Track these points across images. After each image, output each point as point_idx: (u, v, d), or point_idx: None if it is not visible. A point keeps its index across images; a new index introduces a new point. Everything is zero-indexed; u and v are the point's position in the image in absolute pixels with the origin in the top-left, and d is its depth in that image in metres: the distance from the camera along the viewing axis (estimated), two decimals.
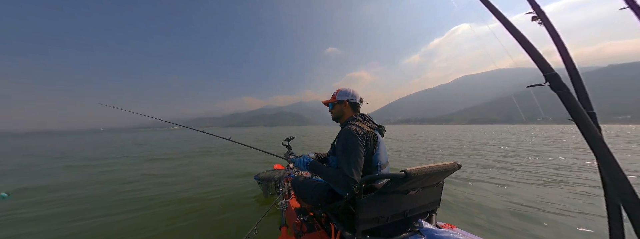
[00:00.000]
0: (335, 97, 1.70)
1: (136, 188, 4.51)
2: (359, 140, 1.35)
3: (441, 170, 1.18)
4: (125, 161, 8.40)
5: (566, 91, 0.83)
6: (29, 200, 3.95)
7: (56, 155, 10.94)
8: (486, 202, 3.54)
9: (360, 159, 1.31)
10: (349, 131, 1.39)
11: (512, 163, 6.81)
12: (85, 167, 7.35)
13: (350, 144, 1.33)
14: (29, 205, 3.69)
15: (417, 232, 1.35)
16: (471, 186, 4.48)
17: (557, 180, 4.82)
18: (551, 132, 28.12)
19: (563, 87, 0.84)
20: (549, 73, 0.87)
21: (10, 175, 6.23)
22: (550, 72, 0.87)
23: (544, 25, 1.07)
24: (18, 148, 15.64)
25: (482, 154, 8.83)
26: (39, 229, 2.82)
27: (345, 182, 1.24)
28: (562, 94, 0.83)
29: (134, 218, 3.08)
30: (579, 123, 0.81)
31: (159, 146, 14.96)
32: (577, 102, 0.82)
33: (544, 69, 0.88)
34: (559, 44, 1.00)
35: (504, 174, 5.38)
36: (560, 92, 0.84)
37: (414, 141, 15.91)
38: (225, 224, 2.88)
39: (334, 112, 1.73)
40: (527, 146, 11.89)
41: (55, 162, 8.65)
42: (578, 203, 3.49)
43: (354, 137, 1.35)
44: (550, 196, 3.79)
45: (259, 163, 7.23)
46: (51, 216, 3.23)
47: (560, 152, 8.96)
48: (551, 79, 0.86)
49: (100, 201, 3.83)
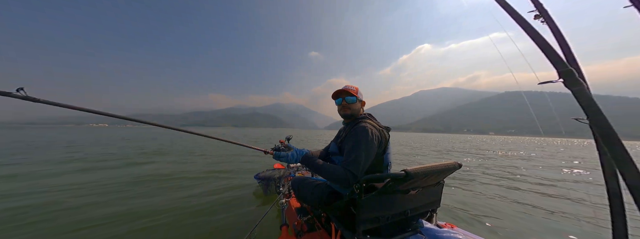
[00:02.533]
0: (357, 93, 1.58)
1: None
2: (374, 138, 1.34)
3: (441, 169, 1.17)
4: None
5: (581, 88, 0.80)
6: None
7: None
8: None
9: (368, 157, 1.29)
10: (365, 129, 1.36)
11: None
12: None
13: (364, 141, 1.30)
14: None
15: (417, 232, 1.34)
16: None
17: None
18: (473, 140, 42.94)
19: (578, 83, 0.81)
20: (564, 69, 0.83)
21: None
22: (565, 68, 0.83)
23: (546, 24, 1.06)
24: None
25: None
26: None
27: (345, 177, 1.21)
28: (577, 91, 0.80)
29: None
30: (593, 120, 0.78)
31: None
32: (592, 99, 0.79)
33: (557, 65, 0.85)
34: (562, 42, 0.99)
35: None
36: (574, 89, 0.81)
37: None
38: (225, 224, 2.88)
39: (353, 108, 1.58)
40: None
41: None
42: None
43: (370, 135, 1.33)
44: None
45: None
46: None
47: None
48: (566, 75, 0.83)
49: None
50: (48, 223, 2.78)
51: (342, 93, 1.59)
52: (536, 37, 0.90)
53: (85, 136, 21.70)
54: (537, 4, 1.08)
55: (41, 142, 13.93)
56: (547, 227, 3.03)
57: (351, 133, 1.41)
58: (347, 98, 1.57)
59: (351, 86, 1.64)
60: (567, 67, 0.83)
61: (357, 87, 1.64)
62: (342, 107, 1.60)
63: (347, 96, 1.58)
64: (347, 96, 1.58)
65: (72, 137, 20.20)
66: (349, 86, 1.64)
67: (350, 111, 1.58)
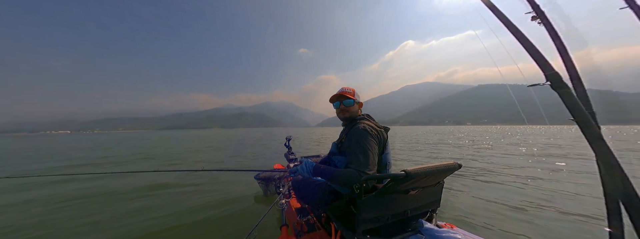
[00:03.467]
0: (354, 95, 1.59)
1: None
2: (373, 138, 1.35)
3: (441, 170, 1.18)
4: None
5: (567, 90, 0.82)
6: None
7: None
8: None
9: (375, 156, 1.30)
10: (363, 129, 1.37)
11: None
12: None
13: (365, 141, 1.31)
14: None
15: (417, 232, 1.35)
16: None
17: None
18: (456, 130, 49.73)
19: (564, 86, 0.83)
20: (550, 72, 0.86)
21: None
22: (551, 71, 0.86)
23: (543, 25, 1.07)
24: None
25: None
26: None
27: (359, 180, 1.17)
28: (563, 93, 0.82)
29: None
30: (579, 122, 0.80)
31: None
32: (577, 101, 0.81)
33: (544, 68, 0.87)
34: (559, 43, 1.00)
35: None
36: (561, 91, 0.83)
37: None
38: (225, 224, 2.88)
39: (351, 111, 1.60)
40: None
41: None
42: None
43: (369, 135, 1.34)
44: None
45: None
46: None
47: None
48: (552, 78, 0.85)
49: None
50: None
51: (340, 97, 1.60)
52: (523, 41, 0.93)
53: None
54: (534, 5, 1.09)
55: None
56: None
57: (350, 134, 1.42)
58: (344, 102, 1.58)
59: (348, 88, 1.64)
60: (553, 70, 0.86)
61: (354, 89, 1.65)
62: (341, 111, 1.61)
63: (345, 99, 1.58)
64: (345, 99, 1.58)
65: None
66: (346, 89, 1.64)
67: (348, 114, 1.59)
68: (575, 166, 6.21)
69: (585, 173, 5.34)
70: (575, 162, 6.91)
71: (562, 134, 24.68)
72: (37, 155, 11.57)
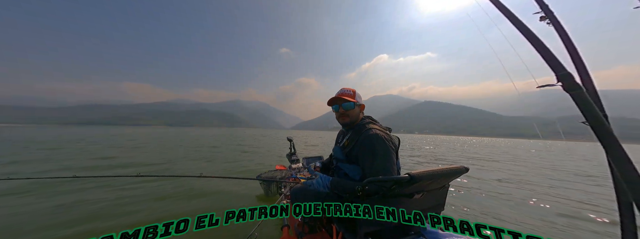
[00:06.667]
0: (354, 97, 1.43)
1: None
2: (390, 145, 1.27)
3: (447, 173, 1.15)
4: None
5: (580, 91, 0.79)
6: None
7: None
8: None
9: (395, 166, 1.24)
10: (378, 137, 1.26)
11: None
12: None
13: (384, 149, 1.22)
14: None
15: (420, 235, 1.33)
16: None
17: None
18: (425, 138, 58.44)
19: (577, 87, 0.79)
20: (562, 73, 0.81)
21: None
22: (563, 71, 0.81)
23: (552, 26, 1.04)
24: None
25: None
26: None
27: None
28: (576, 95, 0.78)
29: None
30: (593, 124, 0.77)
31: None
32: (591, 103, 0.78)
33: (555, 69, 0.83)
34: (568, 44, 0.98)
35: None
36: (573, 93, 0.79)
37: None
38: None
39: (352, 115, 1.44)
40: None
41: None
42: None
43: (386, 142, 1.26)
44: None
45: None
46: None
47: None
48: (564, 78, 0.81)
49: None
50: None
51: (338, 100, 1.43)
52: (534, 41, 0.90)
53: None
54: (542, 5, 1.06)
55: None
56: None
57: (365, 143, 1.28)
58: (344, 105, 1.42)
59: (348, 89, 1.47)
60: (565, 71, 0.82)
61: (355, 89, 1.48)
62: (340, 115, 1.46)
63: (344, 102, 1.42)
64: (344, 102, 1.42)
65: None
66: (346, 89, 1.47)
67: (348, 118, 1.45)
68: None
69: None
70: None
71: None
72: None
